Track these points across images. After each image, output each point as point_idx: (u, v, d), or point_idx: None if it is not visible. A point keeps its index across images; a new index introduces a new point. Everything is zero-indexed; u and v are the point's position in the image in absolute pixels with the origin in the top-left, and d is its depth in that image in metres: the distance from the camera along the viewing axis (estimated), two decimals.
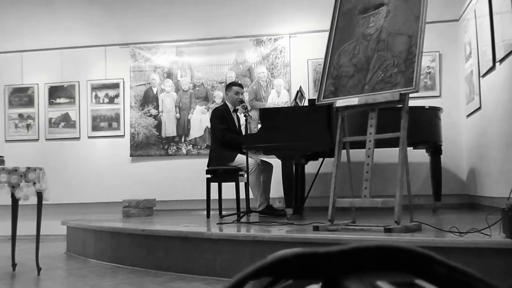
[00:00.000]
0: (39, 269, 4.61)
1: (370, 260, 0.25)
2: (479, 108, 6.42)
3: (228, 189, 6.41)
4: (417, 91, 3.80)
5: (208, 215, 6.32)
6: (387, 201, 3.85)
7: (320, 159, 6.71)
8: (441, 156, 6.36)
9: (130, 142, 8.26)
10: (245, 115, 5.82)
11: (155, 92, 8.28)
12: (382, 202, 3.85)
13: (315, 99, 4.64)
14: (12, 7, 8.71)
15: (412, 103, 4.30)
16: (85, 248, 5.57)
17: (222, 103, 6.78)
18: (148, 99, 8.28)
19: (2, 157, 4.74)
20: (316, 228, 3.93)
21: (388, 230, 3.56)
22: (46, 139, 8.47)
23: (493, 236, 3.13)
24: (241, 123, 6.58)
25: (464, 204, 7.25)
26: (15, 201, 4.61)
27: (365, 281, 0.25)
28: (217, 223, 5.18)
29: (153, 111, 8.25)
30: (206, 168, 6.31)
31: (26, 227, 5.34)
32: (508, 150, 5.35)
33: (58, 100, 8.47)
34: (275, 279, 0.36)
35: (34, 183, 4.49)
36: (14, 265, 4.83)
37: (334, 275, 0.26)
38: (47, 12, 8.59)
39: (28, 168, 4.46)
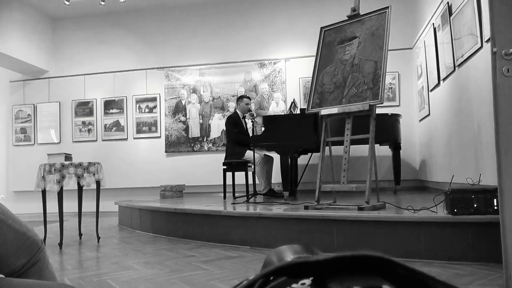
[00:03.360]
0: (98, 238, 4.65)
1: (349, 265, 0.26)
2: (428, 115, 6.41)
3: (239, 177, 6.43)
4: (382, 103, 3.80)
5: (224, 197, 6.33)
6: (359, 186, 3.85)
7: (309, 154, 6.71)
8: (400, 150, 6.35)
9: (165, 141, 8.27)
10: (252, 121, 5.82)
11: (183, 104, 8.28)
12: (356, 187, 3.85)
13: (305, 109, 4.63)
14: (77, 42, 8.75)
15: (378, 111, 4.29)
16: (132, 222, 5.59)
17: (233, 112, 6.77)
18: (179, 109, 8.29)
19: (70, 154, 4.76)
20: (306, 207, 3.93)
21: (360, 209, 3.56)
22: (102, 140, 8.49)
23: (438, 213, 3.13)
24: (248, 126, 6.59)
25: (418, 186, 7.24)
26: (80, 187, 4.64)
27: (344, 284, 0.26)
28: (232, 203, 5.18)
29: (182, 118, 8.25)
30: (223, 161, 6.33)
31: (88, 205, 5.38)
32: (449, 146, 5.35)
33: (111, 111, 8.48)
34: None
35: (94, 174, 4.51)
36: (80, 234, 4.88)
37: (321, 276, 0.26)
38: (102, 45, 8.64)
39: (89, 163, 4.48)
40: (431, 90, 6.12)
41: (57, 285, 1.13)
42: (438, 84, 5.70)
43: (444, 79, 5.42)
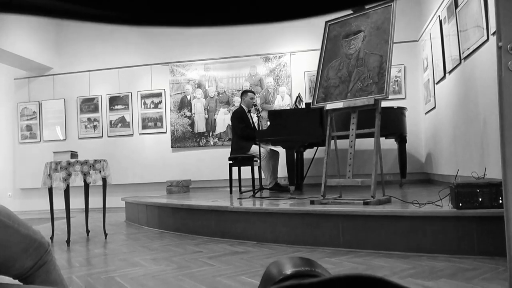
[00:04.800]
0: (106, 234, 4.69)
1: (344, 286, 0.27)
2: (434, 108, 6.41)
3: (245, 171, 6.46)
4: (387, 97, 3.80)
5: (230, 191, 6.37)
6: (365, 181, 3.86)
7: (315, 148, 6.73)
8: (406, 144, 6.36)
9: (171, 137, 8.31)
10: (257, 115, 5.84)
11: (189, 99, 8.31)
12: (362, 182, 3.86)
13: (310, 103, 4.64)
14: (81, 38, 8.78)
15: (384, 104, 4.30)
16: (139, 218, 5.63)
17: (239, 106, 6.78)
18: (184, 104, 8.31)
19: (76, 152, 4.80)
20: (312, 202, 3.94)
21: (366, 203, 3.57)
22: (108, 136, 8.53)
23: (443, 207, 3.14)
24: (254, 121, 6.61)
25: (423, 179, 7.25)
26: (86, 184, 4.68)
27: None
28: (238, 198, 5.21)
29: (188, 113, 8.28)
30: (229, 156, 6.36)
31: (95, 201, 5.41)
32: (455, 139, 5.35)
33: (116, 107, 8.52)
34: None
35: (100, 171, 4.54)
36: (87, 231, 4.93)
37: None
38: (106, 41, 8.66)
39: (95, 160, 4.52)
40: (437, 83, 6.11)
41: None
42: (444, 77, 5.69)
43: (450, 72, 5.41)
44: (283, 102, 7.94)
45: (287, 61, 8.00)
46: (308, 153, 6.86)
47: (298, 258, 0.38)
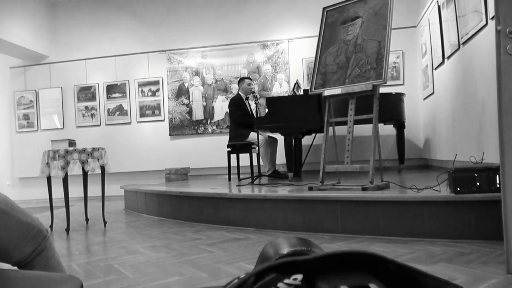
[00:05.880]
0: (105, 222, 4.70)
1: (339, 262, 0.27)
2: (432, 93, 6.40)
3: (244, 158, 6.46)
4: (385, 83, 3.79)
5: (229, 179, 6.38)
6: (363, 166, 3.86)
7: (313, 134, 6.73)
8: (404, 129, 6.36)
9: (169, 124, 8.30)
10: (255, 103, 5.82)
11: (186, 87, 8.29)
12: (360, 168, 3.87)
13: (308, 90, 4.63)
14: (77, 26, 8.72)
15: (382, 90, 4.29)
16: (138, 205, 5.64)
17: (236, 93, 6.76)
18: (181, 92, 8.29)
19: (74, 140, 4.79)
20: (310, 188, 3.95)
21: (364, 189, 3.58)
22: (106, 125, 8.52)
23: (442, 192, 3.15)
24: (252, 108, 6.59)
25: (422, 165, 7.27)
26: (85, 173, 4.68)
27: (332, 283, 0.27)
28: (236, 185, 5.22)
29: (186, 101, 8.27)
30: (227, 143, 6.35)
31: (94, 190, 5.42)
32: (453, 124, 5.35)
33: (113, 95, 8.50)
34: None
35: (98, 159, 4.54)
36: (87, 219, 4.94)
37: (312, 273, 0.28)
38: (103, 28, 8.61)
39: (93, 148, 4.51)
40: (436, 69, 6.09)
41: (58, 276, 1.16)
42: (442, 62, 5.68)
43: (448, 57, 5.40)
44: (281, 89, 7.93)
45: (285, 48, 7.97)
46: (306, 140, 6.86)
47: (295, 238, 0.38)
